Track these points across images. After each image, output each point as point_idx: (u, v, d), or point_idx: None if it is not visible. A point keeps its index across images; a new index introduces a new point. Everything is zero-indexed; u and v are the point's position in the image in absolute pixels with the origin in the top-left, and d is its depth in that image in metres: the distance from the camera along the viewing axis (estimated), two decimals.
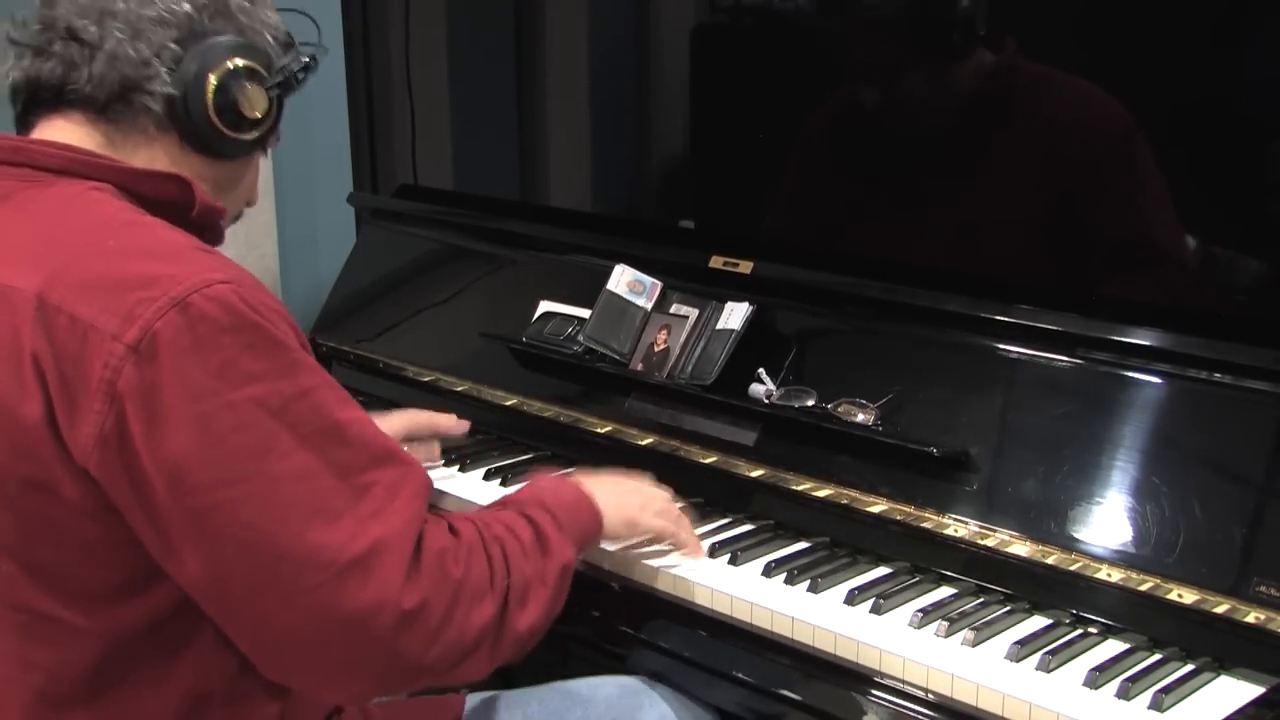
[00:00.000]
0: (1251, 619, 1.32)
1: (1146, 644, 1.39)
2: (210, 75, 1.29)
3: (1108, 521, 1.44)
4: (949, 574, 1.53)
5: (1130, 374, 1.50)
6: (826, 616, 1.45)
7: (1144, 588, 1.39)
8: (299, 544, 1.15)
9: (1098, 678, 1.32)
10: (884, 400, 1.62)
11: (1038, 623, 1.44)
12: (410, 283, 2.28)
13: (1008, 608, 1.46)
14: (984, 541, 1.49)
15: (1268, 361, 1.41)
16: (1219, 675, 1.34)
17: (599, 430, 1.85)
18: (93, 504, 1.16)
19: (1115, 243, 1.62)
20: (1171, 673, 1.34)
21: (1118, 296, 1.56)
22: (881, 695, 1.37)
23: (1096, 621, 1.42)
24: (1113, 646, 1.39)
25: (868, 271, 1.74)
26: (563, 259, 2.09)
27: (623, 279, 1.88)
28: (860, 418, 1.63)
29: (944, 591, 1.51)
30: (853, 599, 1.47)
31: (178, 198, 1.28)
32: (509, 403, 1.97)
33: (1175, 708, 1.28)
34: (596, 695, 1.52)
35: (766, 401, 1.71)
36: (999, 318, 1.60)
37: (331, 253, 2.55)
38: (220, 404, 1.13)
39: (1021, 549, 1.47)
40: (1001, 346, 1.60)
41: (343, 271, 2.38)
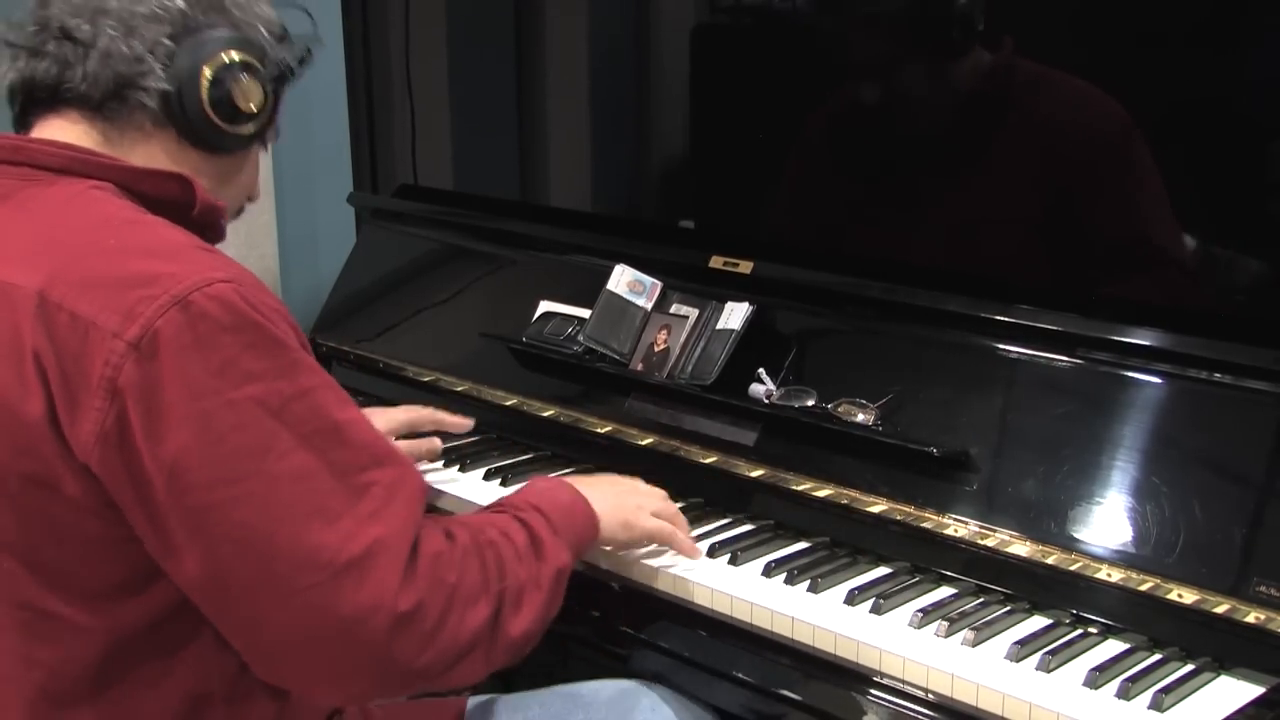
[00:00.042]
0: (1251, 619, 1.32)
1: (1146, 644, 1.39)
2: (204, 69, 1.28)
3: (1108, 521, 1.44)
4: (949, 574, 1.52)
5: (1130, 374, 1.50)
6: (826, 616, 1.44)
7: (1144, 588, 1.39)
8: (297, 544, 1.15)
9: (1098, 678, 1.31)
10: (884, 400, 1.62)
11: (1038, 623, 1.43)
12: (410, 283, 2.28)
13: (1008, 608, 1.46)
14: (984, 541, 1.49)
15: (1268, 361, 1.41)
16: (1219, 675, 1.34)
17: (599, 430, 1.85)
18: (94, 501, 1.16)
19: (1115, 243, 1.62)
20: (1171, 673, 1.34)
21: (1117, 296, 1.56)
22: (881, 695, 1.37)
23: (1096, 621, 1.42)
24: (1113, 646, 1.39)
25: (867, 271, 1.74)
26: (563, 259, 2.09)
27: (623, 279, 1.88)
28: (860, 418, 1.63)
29: (944, 591, 1.51)
30: (853, 599, 1.47)
31: (179, 197, 1.28)
32: (509, 403, 1.96)
33: (1175, 708, 1.28)
34: (597, 698, 1.52)
35: (766, 401, 1.71)
36: (999, 318, 1.60)
37: (331, 253, 2.55)
38: (220, 403, 1.13)
39: (1021, 549, 1.47)
40: (1001, 346, 1.60)
41: (343, 271, 2.38)
